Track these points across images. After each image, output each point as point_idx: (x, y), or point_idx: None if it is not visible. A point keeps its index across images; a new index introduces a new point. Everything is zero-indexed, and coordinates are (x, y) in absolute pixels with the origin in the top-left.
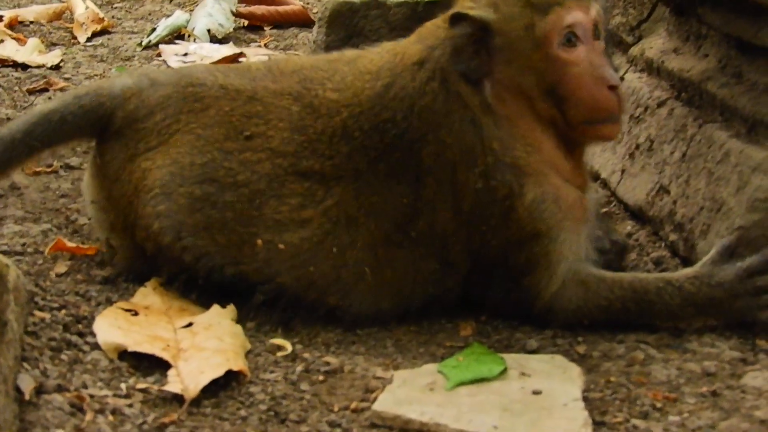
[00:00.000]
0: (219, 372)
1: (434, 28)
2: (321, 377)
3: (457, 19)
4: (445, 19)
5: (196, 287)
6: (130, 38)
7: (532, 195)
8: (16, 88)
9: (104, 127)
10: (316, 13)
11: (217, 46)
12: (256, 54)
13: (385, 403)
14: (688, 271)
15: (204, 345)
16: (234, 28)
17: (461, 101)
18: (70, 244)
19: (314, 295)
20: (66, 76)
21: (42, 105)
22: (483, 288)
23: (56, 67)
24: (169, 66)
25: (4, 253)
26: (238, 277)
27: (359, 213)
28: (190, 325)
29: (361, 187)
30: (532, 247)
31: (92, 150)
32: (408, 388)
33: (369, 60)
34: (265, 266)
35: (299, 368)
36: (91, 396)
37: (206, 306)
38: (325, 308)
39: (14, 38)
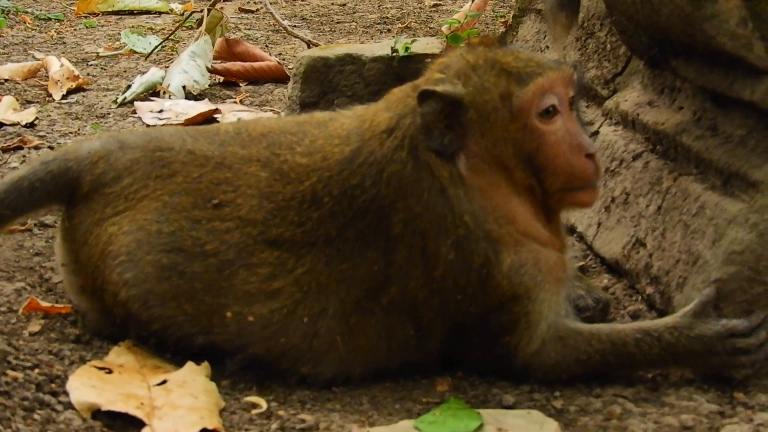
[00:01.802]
0: (194, 430)
1: (403, 96)
2: None
3: (425, 96)
4: (414, 87)
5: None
6: (105, 95)
7: (509, 261)
8: None
9: (72, 191)
10: (291, 68)
11: (192, 102)
12: (231, 110)
13: None
14: (667, 320)
15: (178, 403)
16: (209, 85)
17: (430, 171)
18: (44, 303)
19: (286, 364)
20: (41, 133)
21: (10, 173)
22: (460, 348)
23: (31, 125)
24: (144, 123)
25: None
26: (209, 346)
27: (330, 280)
28: (164, 382)
29: (332, 253)
30: (511, 308)
31: (62, 213)
32: None
33: (339, 124)
34: (236, 337)
35: (274, 426)
36: None
37: (180, 363)
38: (297, 376)
39: None
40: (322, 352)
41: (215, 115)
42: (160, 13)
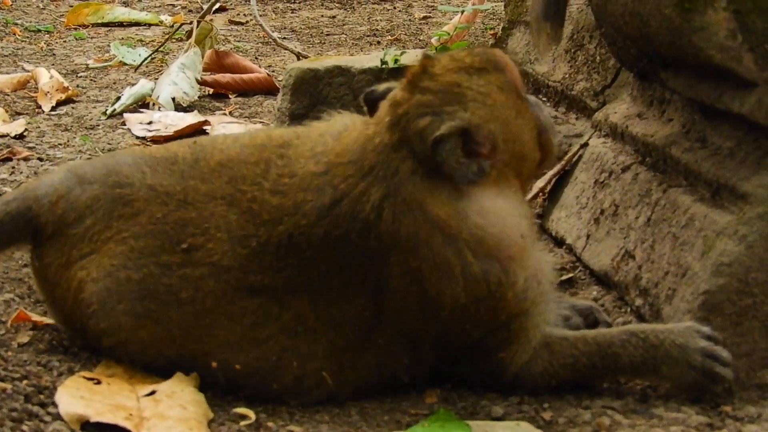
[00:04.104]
0: None
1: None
2: None
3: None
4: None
5: None
6: (94, 107)
7: (522, 279)
8: None
9: (36, 232)
10: (281, 80)
11: (181, 114)
12: (220, 122)
13: None
14: (658, 325)
15: (167, 414)
16: (199, 97)
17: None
18: (33, 315)
19: (275, 396)
20: (30, 145)
21: None
22: (450, 364)
23: (20, 137)
24: (133, 134)
25: None
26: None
27: (318, 323)
28: (153, 393)
29: (317, 299)
30: (509, 325)
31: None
32: None
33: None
34: (224, 382)
35: None
36: None
37: (169, 374)
38: (286, 405)
39: None
40: (311, 388)
41: (204, 127)
42: (149, 25)
